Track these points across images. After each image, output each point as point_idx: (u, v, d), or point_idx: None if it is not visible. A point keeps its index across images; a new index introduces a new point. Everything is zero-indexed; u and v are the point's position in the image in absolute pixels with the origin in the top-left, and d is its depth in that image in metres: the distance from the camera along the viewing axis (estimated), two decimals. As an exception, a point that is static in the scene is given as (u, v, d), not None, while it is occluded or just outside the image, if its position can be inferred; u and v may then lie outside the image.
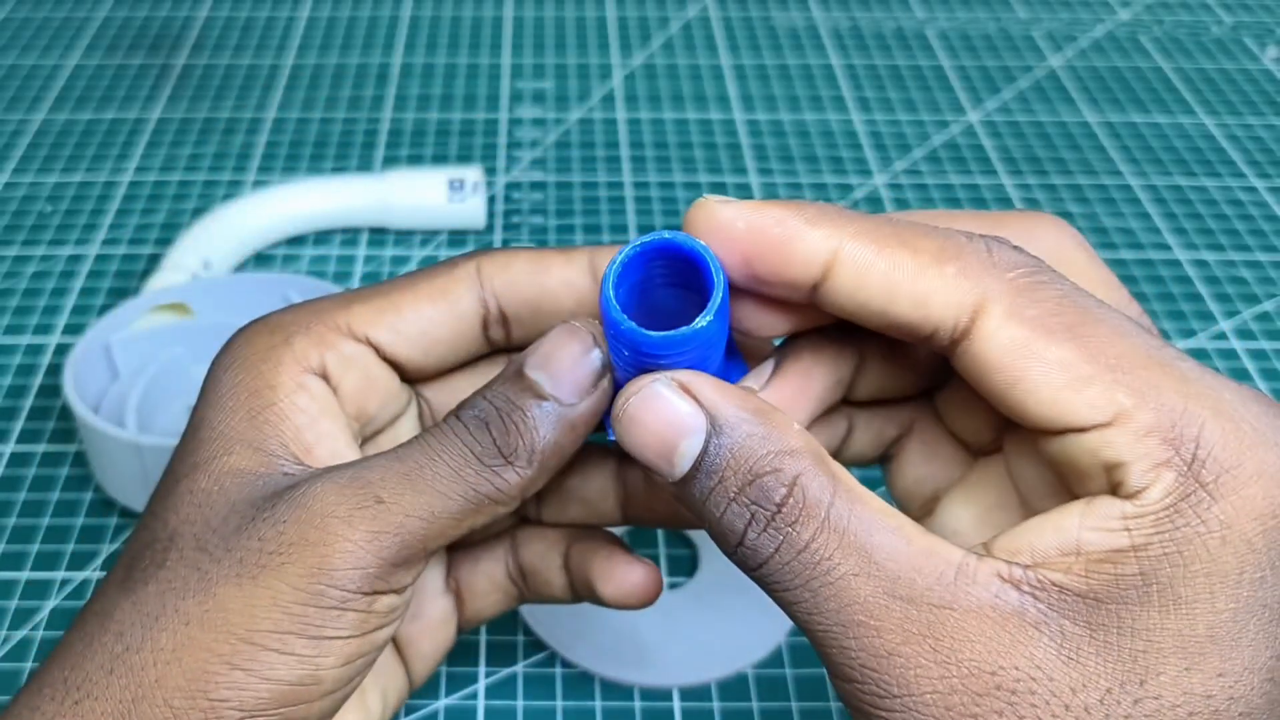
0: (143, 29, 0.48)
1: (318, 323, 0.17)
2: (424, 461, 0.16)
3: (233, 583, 0.15)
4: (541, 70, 0.45)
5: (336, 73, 0.45)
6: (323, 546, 0.15)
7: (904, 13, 0.50)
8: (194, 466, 0.16)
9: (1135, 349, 0.14)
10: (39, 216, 0.37)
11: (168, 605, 0.15)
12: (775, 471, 0.14)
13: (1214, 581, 0.14)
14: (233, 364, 0.17)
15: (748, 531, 0.14)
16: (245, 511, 0.16)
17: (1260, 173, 0.40)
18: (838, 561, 0.14)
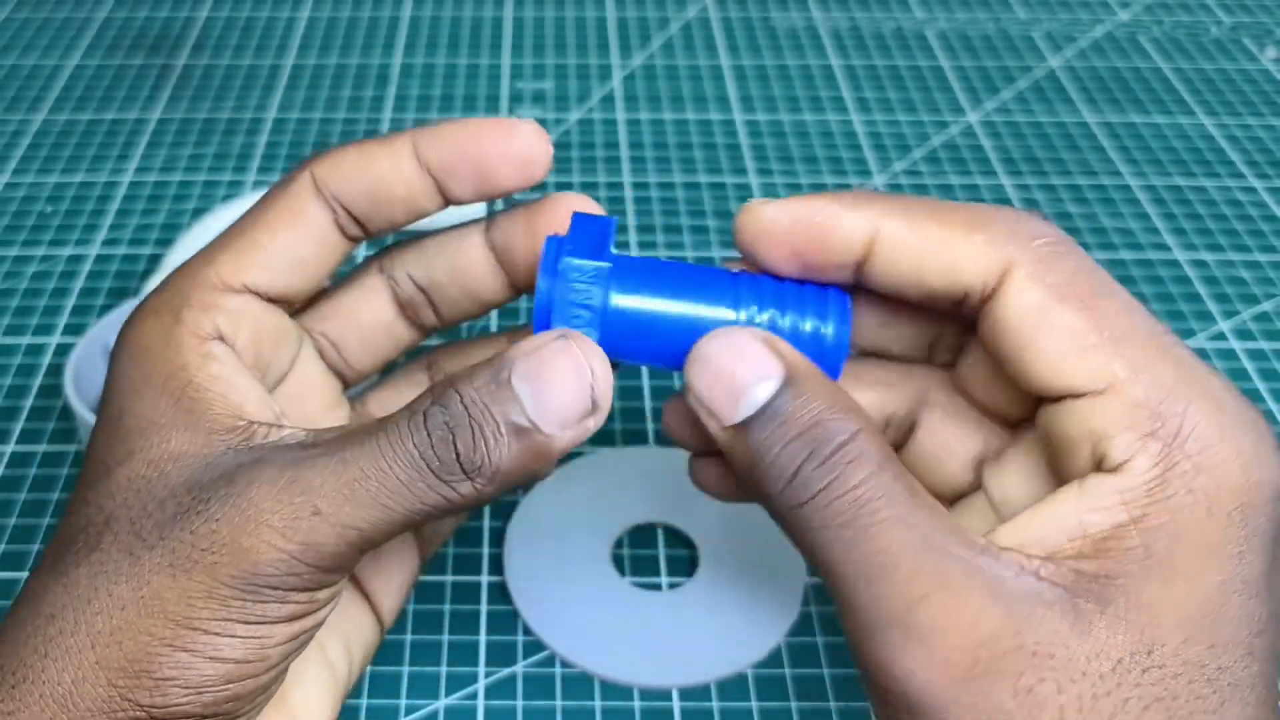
0: (143, 29, 0.48)
1: (195, 289, 0.17)
2: (371, 472, 0.15)
3: (166, 572, 0.15)
4: (541, 71, 0.45)
5: (337, 73, 0.45)
6: (255, 554, 0.15)
7: (903, 13, 0.50)
8: (129, 454, 0.16)
9: (1139, 326, 0.15)
10: (39, 217, 0.37)
11: (100, 588, 0.15)
12: (843, 418, 0.15)
13: (1204, 554, 0.14)
14: (136, 354, 0.17)
15: (804, 466, 0.15)
16: (182, 499, 0.15)
17: (1259, 173, 0.40)
18: (882, 506, 0.15)
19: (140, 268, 0.35)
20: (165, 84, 0.44)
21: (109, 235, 0.36)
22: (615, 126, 0.42)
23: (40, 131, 0.41)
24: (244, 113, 0.42)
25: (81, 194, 0.38)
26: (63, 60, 0.45)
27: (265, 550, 0.15)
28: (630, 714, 0.23)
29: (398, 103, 0.43)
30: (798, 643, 0.24)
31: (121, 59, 0.45)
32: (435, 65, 0.46)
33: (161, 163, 0.39)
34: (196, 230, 0.33)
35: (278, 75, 0.45)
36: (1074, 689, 0.14)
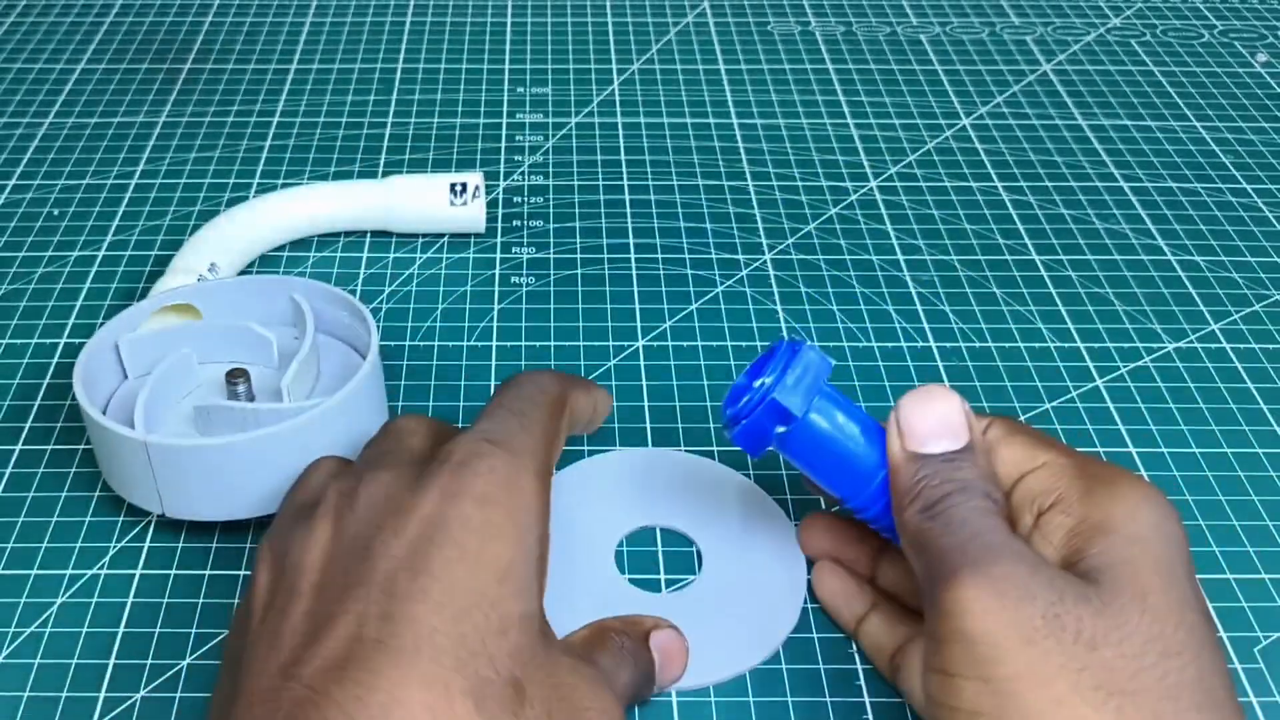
0: (150, 34, 0.48)
1: (539, 454, 0.20)
2: (611, 669, 0.21)
3: None
4: (541, 76, 0.46)
5: (340, 79, 0.45)
6: None
7: (898, 19, 0.50)
8: (521, 617, 0.18)
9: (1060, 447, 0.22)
10: (47, 219, 0.38)
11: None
12: (983, 483, 0.20)
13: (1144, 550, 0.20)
14: (520, 516, 0.19)
15: (950, 496, 0.20)
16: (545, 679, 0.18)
17: (1250, 176, 0.40)
18: (984, 530, 0.19)
19: (147, 269, 0.35)
20: (172, 88, 0.44)
21: (116, 238, 0.37)
22: (614, 131, 0.42)
23: (48, 135, 0.42)
24: (249, 117, 0.43)
25: (89, 197, 0.39)
26: (70, 65, 0.46)
27: None
28: (629, 713, 0.23)
29: (400, 108, 0.43)
30: (794, 638, 0.25)
31: (128, 64, 0.46)
32: (437, 70, 0.46)
33: (168, 166, 0.40)
34: (203, 233, 0.34)
35: (282, 80, 0.45)
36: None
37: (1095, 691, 0.17)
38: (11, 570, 0.26)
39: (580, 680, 0.19)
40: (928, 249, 0.37)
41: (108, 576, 0.26)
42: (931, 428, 0.21)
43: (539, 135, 0.42)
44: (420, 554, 0.17)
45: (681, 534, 0.27)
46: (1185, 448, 0.29)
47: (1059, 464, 0.21)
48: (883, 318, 0.34)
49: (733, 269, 0.36)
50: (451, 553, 0.17)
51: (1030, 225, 0.38)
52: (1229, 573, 0.26)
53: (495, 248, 0.36)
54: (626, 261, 0.36)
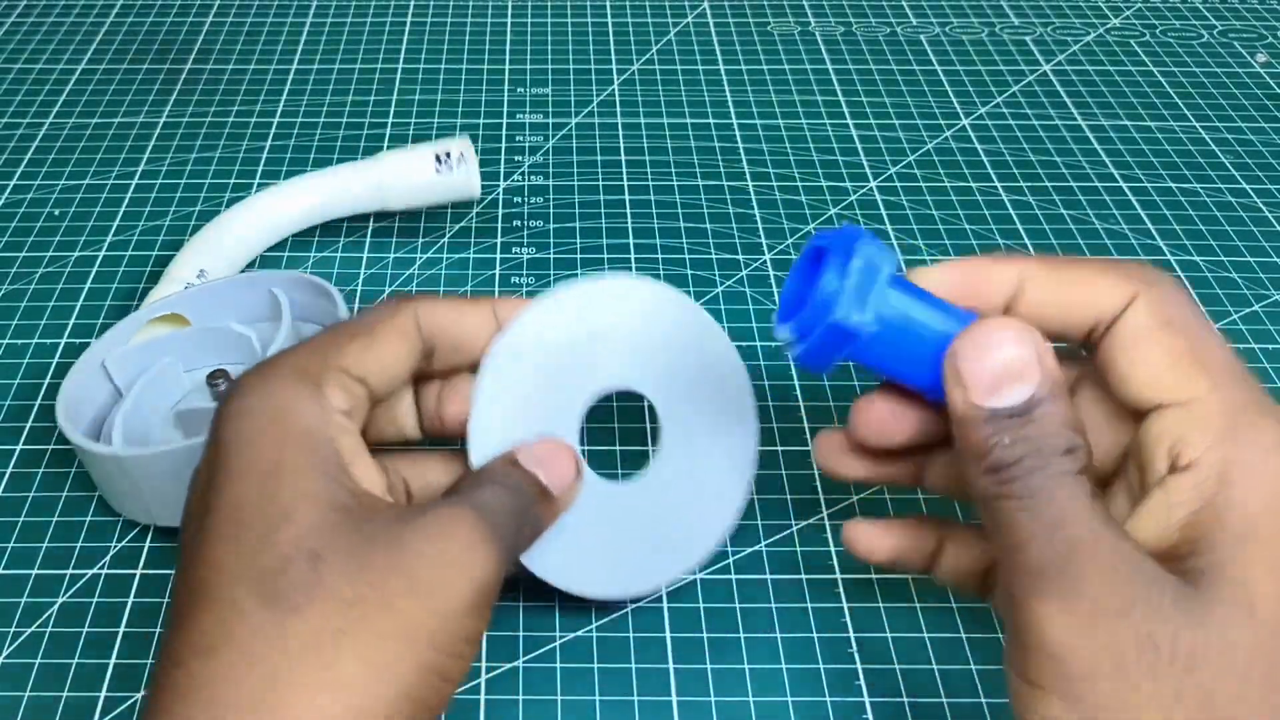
0: (149, 36, 0.48)
1: (329, 369, 0.20)
2: (497, 509, 0.20)
3: (385, 611, 0.17)
4: (541, 77, 0.46)
5: (340, 79, 0.45)
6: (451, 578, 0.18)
7: (898, 19, 0.50)
8: (303, 497, 0.18)
9: (1222, 356, 0.19)
10: (47, 219, 0.38)
11: (331, 623, 0.17)
12: (1071, 435, 0.18)
13: (1263, 522, 0.17)
14: (281, 412, 0.19)
15: (1025, 460, 0.18)
16: (362, 546, 0.18)
17: (1250, 176, 0.40)
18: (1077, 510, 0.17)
19: (148, 269, 0.35)
20: (172, 88, 0.44)
21: (116, 239, 0.37)
22: (614, 132, 0.42)
23: (48, 137, 0.42)
24: (249, 118, 0.43)
25: (89, 198, 0.39)
26: (70, 66, 0.46)
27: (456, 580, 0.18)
28: (629, 709, 0.23)
29: (400, 107, 0.44)
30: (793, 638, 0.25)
31: (128, 65, 0.46)
32: (437, 71, 0.46)
33: (168, 167, 0.40)
34: (196, 240, 0.34)
35: (283, 81, 0.45)
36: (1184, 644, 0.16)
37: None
38: (12, 570, 0.26)
39: (418, 530, 0.18)
40: (927, 249, 0.37)
41: (108, 577, 0.26)
42: (997, 375, 0.18)
43: (539, 136, 0.42)
44: (206, 490, 0.19)
45: (640, 397, 0.24)
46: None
47: (1215, 406, 0.18)
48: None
49: (733, 269, 0.36)
50: (221, 477, 0.18)
51: (1030, 225, 0.38)
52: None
53: (495, 248, 0.36)
54: (626, 262, 0.36)
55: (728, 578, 0.26)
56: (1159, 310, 0.19)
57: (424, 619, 0.17)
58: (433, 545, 0.18)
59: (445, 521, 0.19)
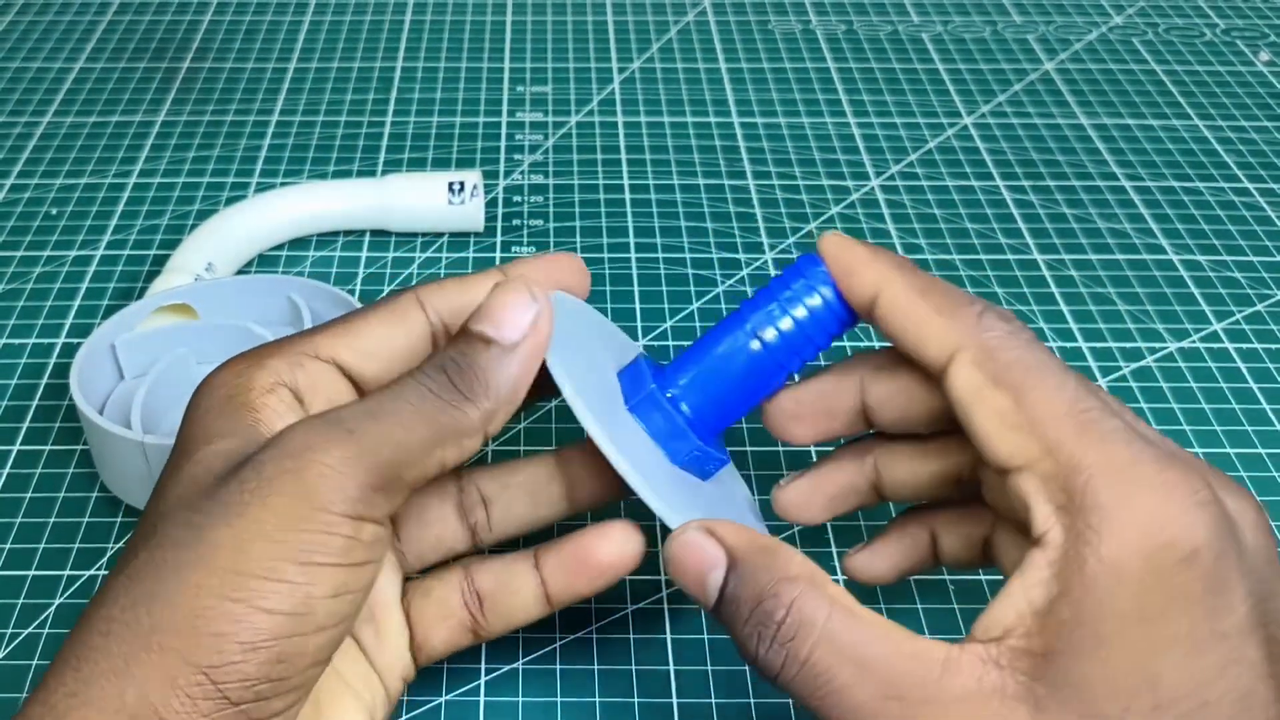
0: (148, 34, 0.48)
1: (287, 348, 0.19)
2: (386, 401, 0.17)
3: (220, 526, 0.16)
4: (541, 75, 0.46)
5: (339, 78, 0.45)
6: (300, 472, 0.16)
7: (900, 18, 0.50)
8: (181, 457, 0.18)
9: (1061, 406, 0.17)
10: (45, 218, 0.37)
11: (157, 560, 0.16)
12: (775, 596, 0.17)
13: (1125, 622, 0.15)
14: (211, 386, 0.19)
15: (758, 648, 0.17)
16: (230, 468, 0.17)
17: (1253, 175, 0.40)
18: (836, 671, 0.16)
19: (145, 269, 0.35)
20: (170, 88, 0.44)
21: (114, 237, 0.37)
22: (614, 130, 0.42)
23: (46, 134, 0.41)
24: (248, 116, 0.43)
25: (87, 196, 0.38)
26: (68, 63, 0.46)
27: (311, 467, 0.16)
28: (630, 710, 0.23)
29: (400, 107, 0.43)
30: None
31: (126, 62, 0.46)
32: (437, 69, 0.46)
33: (166, 165, 0.40)
34: (200, 233, 0.34)
35: (281, 79, 0.45)
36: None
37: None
38: (9, 571, 0.26)
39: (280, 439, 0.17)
40: (929, 248, 0.37)
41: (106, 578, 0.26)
42: (697, 574, 0.18)
43: (539, 134, 0.42)
44: None
45: None
46: (1188, 448, 0.29)
47: (1051, 470, 0.16)
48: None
49: (734, 268, 0.36)
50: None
51: (1032, 224, 0.38)
52: (1232, 574, 0.26)
53: (495, 247, 0.36)
54: (627, 261, 0.36)
55: (729, 579, 0.26)
56: (986, 365, 0.17)
57: (227, 549, 0.16)
58: (253, 469, 0.16)
59: (279, 438, 0.17)
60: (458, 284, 0.20)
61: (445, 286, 0.20)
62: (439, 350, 0.19)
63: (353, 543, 0.16)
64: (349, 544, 0.16)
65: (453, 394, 0.18)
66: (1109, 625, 0.15)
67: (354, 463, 0.16)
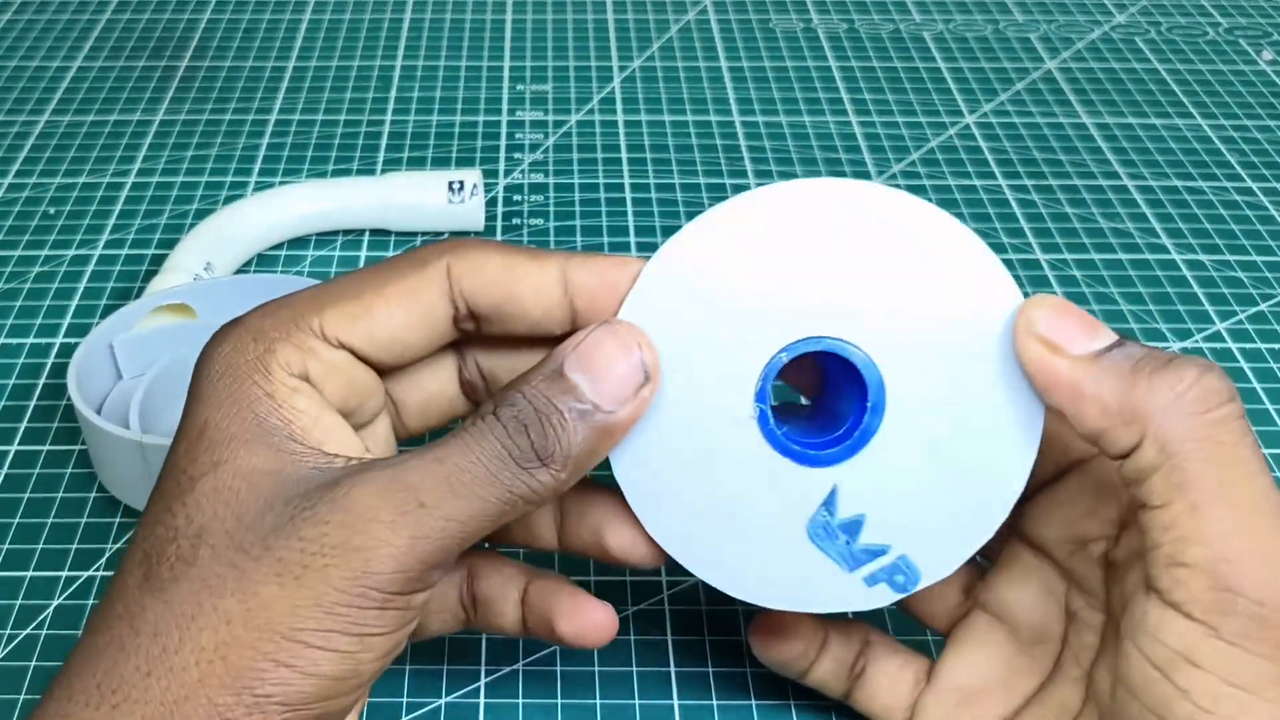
0: (146, 32, 0.48)
1: (295, 330, 0.17)
2: (464, 465, 0.16)
3: (274, 582, 0.15)
4: (542, 73, 0.46)
5: (339, 76, 0.45)
6: (367, 551, 0.15)
7: (901, 16, 0.50)
8: (214, 465, 0.16)
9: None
10: (43, 218, 0.37)
11: (205, 604, 0.15)
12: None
13: None
14: (224, 372, 0.17)
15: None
16: (281, 510, 0.16)
17: (1255, 175, 0.40)
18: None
19: (143, 268, 0.35)
20: (169, 86, 0.44)
21: (112, 236, 0.36)
22: (615, 129, 0.42)
23: (44, 133, 0.41)
24: (247, 114, 0.42)
25: (85, 195, 0.38)
26: (66, 62, 0.46)
27: (377, 546, 0.15)
28: (630, 712, 0.23)
29: (399, 105, 0.43)
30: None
31: (125, 60, 0.46)
32: (436, 68, 0.46)
33: (165, 164, 0.40)
34: (199, 231, 0.34)
35: (280, 78, 0.45)
36: None
37: None
38: (7, 572, 0.26)
39: (323, 503, 0.15)
40: (931, 248, 0.36)
41: (104, 579, 0.26)
42: (1086, 320, 0.17)
43: (539, 133, 0.42)
44: None
45: (857, 352, 0.17)
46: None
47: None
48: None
49: (734, 268, 0.35)
50: (176, 434, 0.18)
51: (1034, 224, 0.38)
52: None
53: (495, 246, 0.36)
54: (627, 260, 0.36)
55: (730, 580, 0.26)
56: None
57: (280, 611, 0.15)
58: (314, 528, 0.15)
59: (346, 498, 0.16)
60: (501, 264, 0.17)
61: (486, 265, 0.17)
62: (516, 388, 0.16)
63: (405, 613, 0.16)
64: (402, 615, 0.16)
65: (531, 460, 0.16)
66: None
67: (421, 543, 0.16)
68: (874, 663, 0.21)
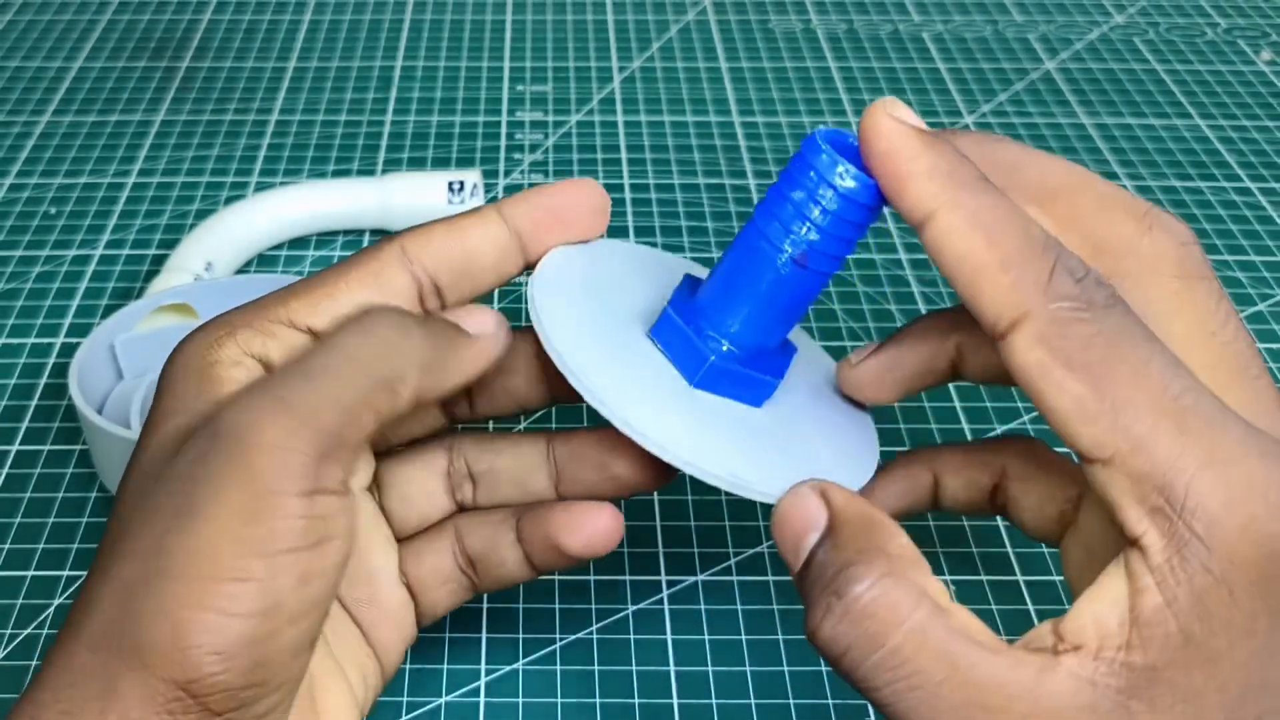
0: (147, 32, 0.48)
1: (259, 317, 0.18)
2: (321, 355, 0.16)
3: (177, 531, 0.15)
4: (542, 74, 0.46)
5: (339, 76, 0.45)
6: (245, 459, 0.15)
7: (901, 17, 0.50)
8: (147, 432, 0.17)
9: (1148, 392, 0.14)
10: (44, 218, 0.37)
11: (124, 562, 0.15)
12: (864, 565, 0.15)
13: (1235, 634, 0.14)
14: (181, 355, 0.18)
15: (824, 621, 0.15)
16: (175, 458, 0.16)
17: (1254, 175, 0.40)
18: (925, 667, 0.15)
19: (144, 268, 0.35)
20: (169, 86, 0.44)
21: (113, 236, 0.36)
22: (615, 129, 0.42)
23: (45, 133, 0.41)
24: (247, 115, 0.42)
25: (86, 195, 0.38)
26: (67, 62, 0.46)
27: (252, 450, 0.15)
28: (630, 711, 0.23)
29: (399, 106, 0.43)
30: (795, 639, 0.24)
31: (126, 61, 0.46)
32: (436, 68, 0.46)
33: (165, 164, 0.40)
34: (200, 232, 0.34)
35: (281, 78, 0.45)
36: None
37: None
38: (8, 572, 0.26)
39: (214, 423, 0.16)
40: (930, 248, 0.36)
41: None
42: (793, 532, 0.16)
43: (539, 133, 0.42)
44: None
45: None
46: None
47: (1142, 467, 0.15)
48: (886, 317, 0.33)
49: (734, 268, 0.36)
50: None
51: (1033, 224, 0.38)
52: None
53: (495, 246, 0.36)
54: (627, 260, 0.36)
55: (729, 579, 0.26)
56: (1054, 342, 0.15)
57: (186, 555, 0.15)
58: (197, 462, 0.16)
59: (218, 423, 0.16)
60: (446, 230, 0.19)
61: (433, 234, 0.18)
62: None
63: (310, 521, 0.15)
64: (306, 524, 0.15)
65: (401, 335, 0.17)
66: (1219, 640, 0.14)
67: (294, 435, 0.15)
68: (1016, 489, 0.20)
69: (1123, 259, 0.17)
